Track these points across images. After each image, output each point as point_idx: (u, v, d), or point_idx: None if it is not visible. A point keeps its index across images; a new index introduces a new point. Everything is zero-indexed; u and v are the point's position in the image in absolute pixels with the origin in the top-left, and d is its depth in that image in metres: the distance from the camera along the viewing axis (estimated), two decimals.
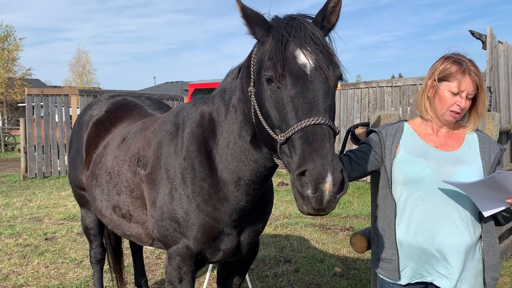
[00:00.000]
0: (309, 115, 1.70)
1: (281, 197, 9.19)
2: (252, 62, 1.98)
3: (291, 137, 1.71)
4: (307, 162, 1.60)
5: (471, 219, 2.17)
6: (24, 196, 9.71)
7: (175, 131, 2.51)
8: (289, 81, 1.74)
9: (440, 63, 2.17)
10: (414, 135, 2.28)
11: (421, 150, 2.22)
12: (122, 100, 3.68)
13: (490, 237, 2.21)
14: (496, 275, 2.20)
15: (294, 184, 1.63)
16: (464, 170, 2.14)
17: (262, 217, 2.57)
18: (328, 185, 1.56)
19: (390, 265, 2.25)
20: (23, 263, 5.37)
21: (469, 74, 2.11)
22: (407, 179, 2.18)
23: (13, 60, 35.90)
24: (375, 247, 2.35)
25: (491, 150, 2.22)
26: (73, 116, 13.16)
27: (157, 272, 5.14)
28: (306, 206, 1.62)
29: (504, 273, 5.01)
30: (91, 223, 3.71)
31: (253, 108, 1.96)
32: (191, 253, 2.41)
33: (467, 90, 2.11)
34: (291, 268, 5.12)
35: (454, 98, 2.12)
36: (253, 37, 1.94)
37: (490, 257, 2.19)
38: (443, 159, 2.18)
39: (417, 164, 2.18)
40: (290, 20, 1.85)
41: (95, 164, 3.18)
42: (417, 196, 2.17)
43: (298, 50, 1.77)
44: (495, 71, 5.57)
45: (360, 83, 11.44)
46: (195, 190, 2.34)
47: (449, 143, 2.23)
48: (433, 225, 2.14)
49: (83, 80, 47.83)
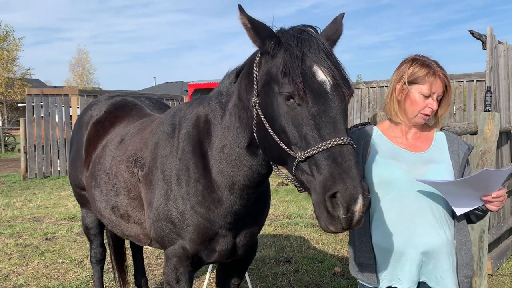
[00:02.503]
0: (334, 134, 1.70)
1: (281, 197, 9.19)
2: (255, 71, 1.95)
3: (313, 156, 1.70)
4: (337, 183, 1.61)
5: (445, 218, 2.17)
6: (24, 196, 9.71)
7: (171, 132, 2.51)
8: (310, 98, 1.73)
9: (408, 66, 2.17)
10: (384, 138, 2.28)
11: (392, 152, 2.22)
12: (121, 100, 3.68)
13: (463, 235, 2.21)
14: (469, 273, 2.20)
15: (324, 205, 1.64)
16: (435, 169, 2.15)
17: (258, 220, 2.57)
18: (359, 206, 1.60)
19: (367, 270, 2.22)
20: (23, 263, 5.37)
21: (439, 76, 2.12)
22: (379, 181, 2.17)
23: (12, 60, 35.92)
24: (352, 251, 2.32)
25: (459, 149, 2.24)
26: (73, 116, 13.16)
27: (157, 272, 5.14)
28: (333, 226, 1.64)
29: (504, 273, 5.01)
30: (91, 223, 3.71)
31: (256, 119, 1.95)
32: (188, 254, 2.41)
33: (438, 92, 2.14)
34: (291, 268, 5.12)
35: (425, 101, 2.13)
36: (261, 50, 1.92)
37: (462, 255, 2.19)
38: (414, 160, 2.18)
39: (389, 166, 2.17)
40: (299, 33, 1.83)
41: (94, 164, 3.18)
42: (390, 197, 2.15)
43: (315, 67, 1.76)
44: (495, 71, 5.57)
45: (360, 83, 11.44)
46: (189, 192, 2.34)
47: (418, 144, 2.24)
48: (408, 226, 2.13)
49: (83, 80, 47.89)
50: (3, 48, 35.00)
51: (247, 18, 1.86)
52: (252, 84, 1.98)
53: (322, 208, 1.65)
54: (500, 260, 5.24)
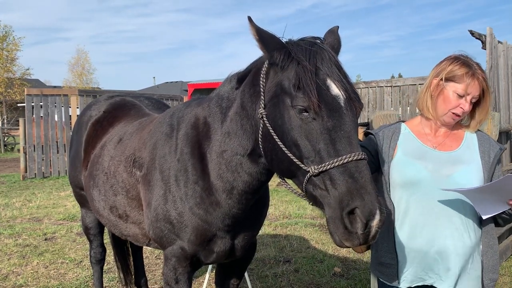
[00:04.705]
0: (349, 149, 1.70)
1: (281, 197, 9.18)
2: (262, 82, 1.94)
3: (327, 171, 1.69)
4: (355, 199, 1.62)
5: (471, 221, 2.14)
6: (24, 196, 9.70)
7: (169, 132, 2.50)
8: (325, 112, 1.72)
9: (448, 63, 2.14)
10: (412, 136, 2.25)
11: (419, 151, 2.19)
12: (120, 100, 3.68)
13: (490, 238, 2.18)
14: (494, 276, 2.18)
15: (342, 220, 1.63)
16: (464, 170, 2.12)
17: (257, 222, 2.56)
18: (376, 222, 1.61)
19: (389, 270, 2.22)
20: (22, 263, 5.36)
21: (478, 78, 2.09)
22: (404, 182, 2.15)
23: (12, 60, 35.91)
24: (375, 251, 2.31)
25: (490, 149, 2.19)
26: (73, 116, 13.16)
27: (156, 272, 5.13)
28: (350, 242, 1.64)
29: (504, 273, 5.01)
30: (91, 223, 3.71)
31: (262, 130, 1.93)
32: (186, 254, 2.41)
33: (473, 93, 2.10)
34: (291, 268, 5.11)
35: (458, 100, 2.10)
36: (269, 60, 1.90)
37: (489, 258, 2.17)
38: (442, 160, 2.15)
39: (414, 166, 2.15)
40: (310, 45, 1.82)
41: (93, 164, 3.18)
42: (415, 198, 2.14)
43: (329, 80, 1.76)
44: (494, 71, 5.57)
45: (360, 83, 11.44)
46: (188, 193, 2.33)
47: (447, 142, 2.21)
48: (432, 227, 2.11)
49: (83, 80, 47.82)
50: (2, 48, 35.00)
51: (255, 30, 1.86)
52: (258, 95, 1.97)
53: (339, 224, 1.64)
54: (500, 260, 5.24)
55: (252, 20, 1.87)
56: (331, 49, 1.91)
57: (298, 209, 8.12)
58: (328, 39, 2.00)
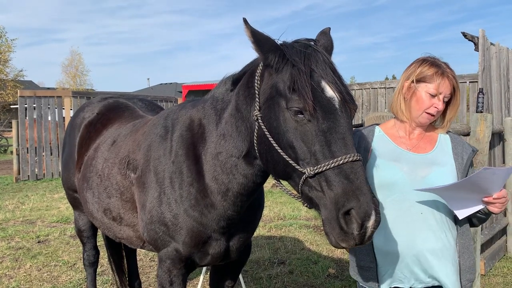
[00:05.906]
0: (344, 151, 1.71)
1: (275, 198, 9.19)
2: (257, 84, 1.94)
3: (323, 172, 1.70)
4: (351, 200, 1.63)
5: (447, 222, 2.15)
6: (17, 199, 9.63)
7: (164, 134, 2.50)
8: (320, 114, 1.74)
9: (417, 65, 2.18)
10: (386, 138, 2.26)
11: (394, 153, 2.20)
12: (114, 102, 3.66)
13: (465, 239, 2.19)
14: (472, 276, 2.19)
15: (337, 221, 1.65)
16: (438, 171, 2.14)
17: (251, 224, 2.56)
18: (372, 222, 1.63)
19: (368, 273, 2.21)
20: (15, 266, 5.32)
21: (448, 77, 2.12)
22: (381, 184, 2.15)
23: (5, 61, 35.68)
24: (353, 255, 2.30)
25: (463, 151, 2.22)
26: (66, 118, 13.09)
27: (151, 274, 5.12)
28: (346, 243, 1.66)
29: (497, 274, 5.04)
30: (84, 225, 3.69)
31: (257, 132, 1.94)
32: (181, 256, 2.40)
33: (445, 92, 2.13)
34: (285, 270, 5.11)
35: (431, 100, 2.13)
36: (264, 62, 1.91)
37: (465, 259, 2.17)
38: (416, 162, 2.16)
39: (390, 168, 2.16)
40: (305, 47, 1.83)
41: (86, 166, 3.16)
42: (391, 200, 2.13)
43: (323, 82, 1.78)
44: (487, 73, 5.61)
45: (353, 84, 11.48)
46: (182, 195, 2.33)
47: (421, 145, 2.23)
48: (409, 230, 2.11)
49: (76, 81, 47.65)
50: None
51: (250, 31, 1.87)
52: (253, 97, 1.97)
53: (335, 225, 1.65)
54: (493, 260, 5.27)
55: (247, 22, 1.88)
56: (325, 50, 1.92)
57: (293, 211, 8.12)
58: (321, 40, 2.01)
